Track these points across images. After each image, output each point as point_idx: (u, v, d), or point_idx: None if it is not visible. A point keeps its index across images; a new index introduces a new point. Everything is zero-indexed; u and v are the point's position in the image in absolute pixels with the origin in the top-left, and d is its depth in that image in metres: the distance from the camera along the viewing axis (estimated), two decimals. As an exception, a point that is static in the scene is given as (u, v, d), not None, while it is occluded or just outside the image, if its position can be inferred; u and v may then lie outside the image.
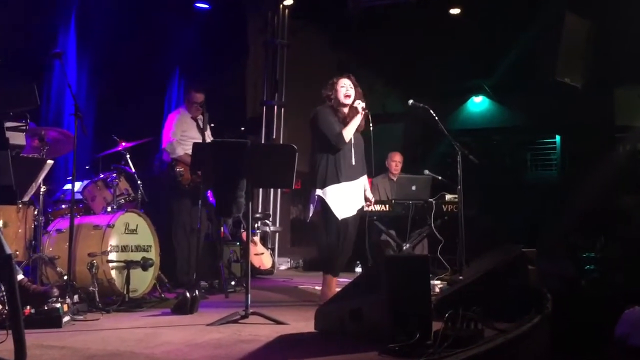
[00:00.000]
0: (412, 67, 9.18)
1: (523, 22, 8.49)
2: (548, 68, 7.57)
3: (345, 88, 5.12)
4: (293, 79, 9.03)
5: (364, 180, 5.21)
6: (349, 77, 5.16)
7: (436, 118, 5.59)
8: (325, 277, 5.07)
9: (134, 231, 5.25)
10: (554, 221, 8.36)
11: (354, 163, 5.08)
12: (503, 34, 8.72)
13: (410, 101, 5.71)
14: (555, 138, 9.82)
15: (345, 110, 5.11)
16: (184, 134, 6.07)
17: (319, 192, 5.01)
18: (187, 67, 7.89)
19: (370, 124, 5.03)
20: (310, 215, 5.09)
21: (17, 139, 4.97)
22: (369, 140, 5.00)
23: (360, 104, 5.07)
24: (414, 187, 6.86)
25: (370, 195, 5.36)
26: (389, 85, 9.46)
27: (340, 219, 5.00)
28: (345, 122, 5.05)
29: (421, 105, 5.64)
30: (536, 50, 8.48)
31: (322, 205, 5.00)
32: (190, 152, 5.85)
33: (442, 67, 9.17)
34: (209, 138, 5.97)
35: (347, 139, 5.02)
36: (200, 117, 6.14)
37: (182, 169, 5.96)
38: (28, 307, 3.90)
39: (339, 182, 5.02)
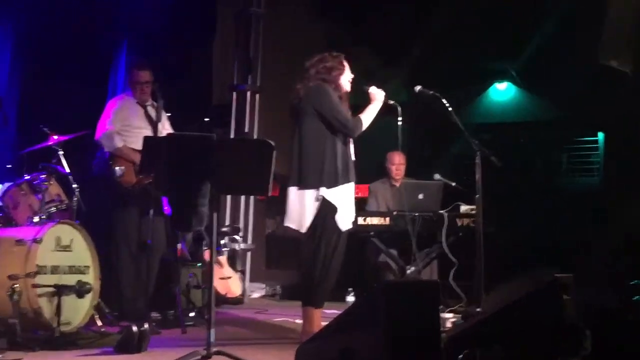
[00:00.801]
0: (420, 46, 9.20)
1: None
2: (590, 49, 7.59)
3: (349, 73, 5.26)
4: (271, 58, 9.02)
5: None
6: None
7: (449, 109, 5.60)
8: (307, 310, 5.07)
9: (67, 248, 5.22)
10: (596, 240, 8.40)
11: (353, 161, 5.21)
12: (534, 5, 8.76)
13: (417, 87, 5.72)
14: (597, 136, 9.87)
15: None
16: (127, 124, 6.03)
17: (325, 192, 5.01)
18: (138, 41, 7.84)
19: (400, 117, 5.25)
20: (309, 222, 5.04)
21: None
22: (396, 136, 5.24)
23: (382, 93, 5.26)
24: (421, 196, 6.86)
25: None
26: (389, 67, 9.46)
27: (343, 230, 5.06)
28: None
29: (431, 92, 5.65)
30: (576, 26, 8.52)
31: (325, 210, 5.00)
32: (134, 145, 5.83)
33: (457, 45, 9.19)
34: (165, 131, 5.95)
35: (364, 128, 5.17)
36: (149, 102, 6.11)
37: (122, 166, 5.89)
38: None
39: (348, 181, 5.10)
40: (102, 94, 7.35)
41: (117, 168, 5.88)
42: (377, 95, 5.27)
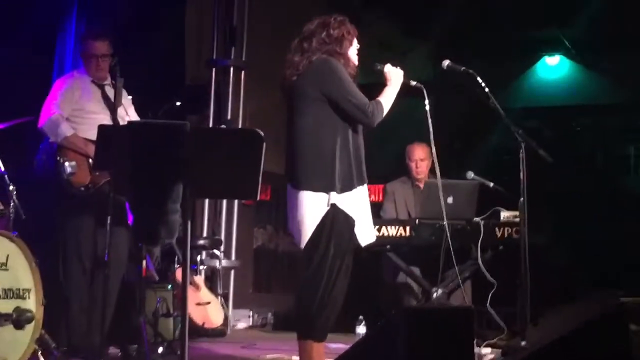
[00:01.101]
0: (448, 9, 9.20)
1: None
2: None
3: (356, 43, 5.24)
4: (260, 25, 9.03)
5: None
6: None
7: (486, 90, 5.60)
8: (306, 344, 5.06)
9: (2, 266, 5.21)
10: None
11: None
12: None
13: (446, 62, 5.72)
14: (674, 123, 9.90)
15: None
16: (78, 107, 6.03)
17: (337, 198, 4.99)
18: (91, 4, 7.85)
19: (427, 101, 5.28)
20: (310, 234, 5.03)
21: None
22: (420, 123, 5.30)
23: (400, 72, 5.25)
24: (450, 199, 6.86)
25: None
26: (411, 36, 9.47)
27: (363, 245, 5.08)
28: None
29: (462, 68, 5.65)
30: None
31: (333, 219, 5.01)
32: (88, 134, 5.82)
33: (494, 8, 9.19)
34: (128, 117, 5.96)
35: (384, 114, 5.15)
36: (108, 81, 6.12)
37: (72, 161, 5.89)
38: None
39: (362, 183, 5.10)
40: (46, 70, 7.35)
41: (66, 164, 5.87)
42: (394, 76, 5.23)
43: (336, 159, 4.99)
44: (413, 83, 5.33)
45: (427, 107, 5.33)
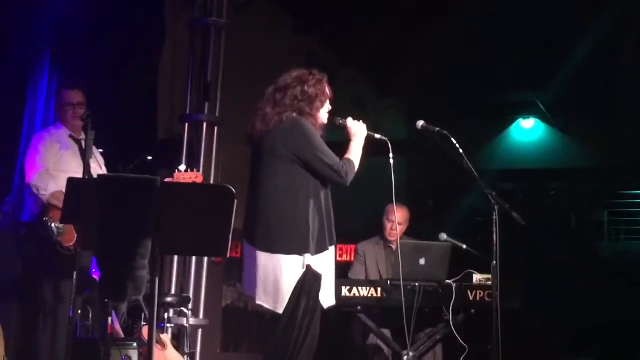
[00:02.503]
0: (424, 70, 9.26)
1: (599, 6, 8.63)
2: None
3: (329, 103, 5.21)
4: (234, 81, 9.04)
5: None
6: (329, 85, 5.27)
7: (460, 151, 5.62)
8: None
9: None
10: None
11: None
12: (569, 22, 8.85)
13: (420, 123, 5.74)
14: (647, 188, 9.96)
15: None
16: (57, 160, 6.04)
17: (311, 260, 4.95)
18: (63, 59, 7.85)
19: (391, 156, 5.25)
20: (287, 299, 4.97)
21: None
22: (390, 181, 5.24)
23: (363, 125, 5.21)
24: (422, 261, 6.86)
25: None
26: (385, 96, 9.52)
27: (326, 307, 5.03)
28: None
29: (436, 129, 5.67)
30: (622, 50, 8.63)
31: (304, 281, 4.95)
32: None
33: (471, 71, 9.26)
34: (101, 171, 5.95)
35: (355, 171, 5.13)
36: (84, 137, 6.12)
37: (59, 223, 5.86)
38: None
39: (333, 244, 5.08)
40: (12, 124, 7.32)
41: (53, 225, 5.86)
42: (357, 130, 5.20)
43: (309, 220, 4.97)
44: (377, 136, 5.29)
45: (392, 161, 5.30)
